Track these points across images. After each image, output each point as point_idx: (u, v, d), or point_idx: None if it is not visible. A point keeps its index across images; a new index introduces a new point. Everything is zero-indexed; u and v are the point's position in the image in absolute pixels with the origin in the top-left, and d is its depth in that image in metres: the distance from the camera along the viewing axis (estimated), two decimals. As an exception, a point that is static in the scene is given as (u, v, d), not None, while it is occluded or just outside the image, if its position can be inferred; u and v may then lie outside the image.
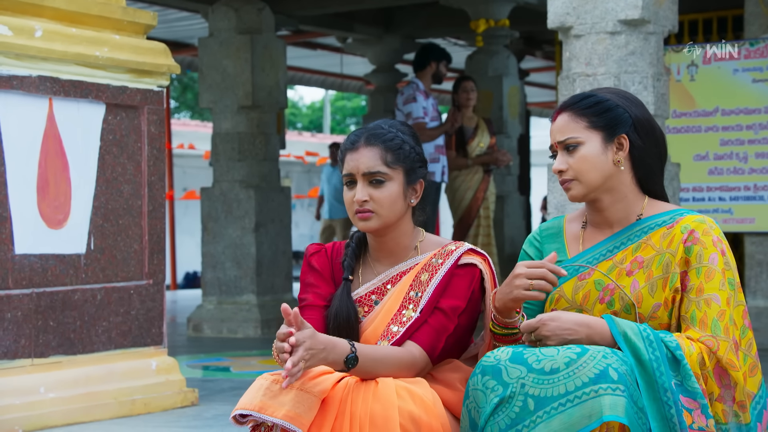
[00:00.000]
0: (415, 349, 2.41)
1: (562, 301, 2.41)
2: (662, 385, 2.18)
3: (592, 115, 2.39)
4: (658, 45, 4.68)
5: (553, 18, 4.68)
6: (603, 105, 2.39)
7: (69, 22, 4.53)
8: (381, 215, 2.48)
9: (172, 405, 4.67)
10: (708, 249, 2.31)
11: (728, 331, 2.26)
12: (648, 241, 2.38)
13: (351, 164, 2.49)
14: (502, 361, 2.22)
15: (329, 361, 2.28)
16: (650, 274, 2.34)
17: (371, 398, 2.27)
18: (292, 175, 20.62)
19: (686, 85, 7.13)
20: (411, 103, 7.64)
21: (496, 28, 9.98)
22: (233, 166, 8.08)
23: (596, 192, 2.40)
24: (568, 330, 2.22)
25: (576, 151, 2.38)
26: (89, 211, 4.51)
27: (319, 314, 2.52)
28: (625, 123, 2.39)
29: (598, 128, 2.38)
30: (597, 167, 2.38)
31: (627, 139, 2.39)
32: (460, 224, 8.18)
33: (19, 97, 4.27)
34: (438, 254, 2.50)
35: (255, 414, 2.26)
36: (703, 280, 2.29)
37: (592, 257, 2.42)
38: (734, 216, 7.02)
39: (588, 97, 2.42)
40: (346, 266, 2.55)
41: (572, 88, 4.64)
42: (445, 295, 2.46)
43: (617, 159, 2.38)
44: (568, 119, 2.40)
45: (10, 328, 4.18)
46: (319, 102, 31.93)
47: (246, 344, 7.34)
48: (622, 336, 2.22)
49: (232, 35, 8.02)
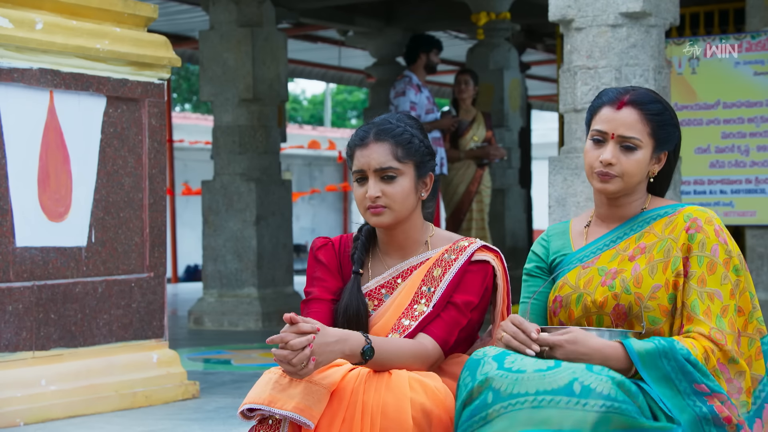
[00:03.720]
0: (428, 342, 2.41)
1: (566, 287, 2.45)
2: (684, 391, 2.21)
3: (656, 124, 2.43)
4: (660, 38, 4.67)
5: (555, 11, 4.68)
6: (666, 117, 2.45)
7: (69, 15, 4.52)
8: (394, 210, 2.48)
9: (174, 398, 4.67)
10: (710, 239, 2.35)
11: (732, 326, 2.30)
12: (651, 230, 2.42)
13: (362, 160, 2.48)
14: (485, 357, 2.24)
15: (345, 354, 2.27)
16: (651, 257, 2.38)
17: (384, 389, 2.27)
18: (293, 168, 20.61)
19: (687, 78, 7.12)
20: (400, 97, 7.67)
21: (497, 21, 9.97)
22: (234, 159, 8.08)
23: (625, 191, 2.46)
24: (584, 355, 2.22)
25: (632, 153, 2.42)
26: (90, 204, 4.51)
27: (326, 307, 2.51)
28: (672, 142, 2.47)
29: (655, 138, 2.43)
30: (641, 172, 2.44)
31: (666, 156, 2.47)
32: (452, 218, 8.19)
33: (19, 89, 4.27)
34: (450, 250, 2.50)
35: (264, 408, 2.25)
36: (705, 271, 2.32)
37: (596, 248, 2.47)
38: (735, 209, 7.01)
39: (656, 102, 2.44)
40: (356, 259, 2.54)
41: (573, 81, 4.64)
42: (458, 290, 2.46)
43: (653, 171, 2.47)
44: (638, 118, 2.42)
45: (11, 321, 4.18)
46: (320, 95, 31.92)
47: (247, 337, 7.35)
48: (639, 357, 2.23)
49: (233, 28, 8.01)
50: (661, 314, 2.34)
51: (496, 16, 9.96)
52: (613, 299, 2.37)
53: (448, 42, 12.66)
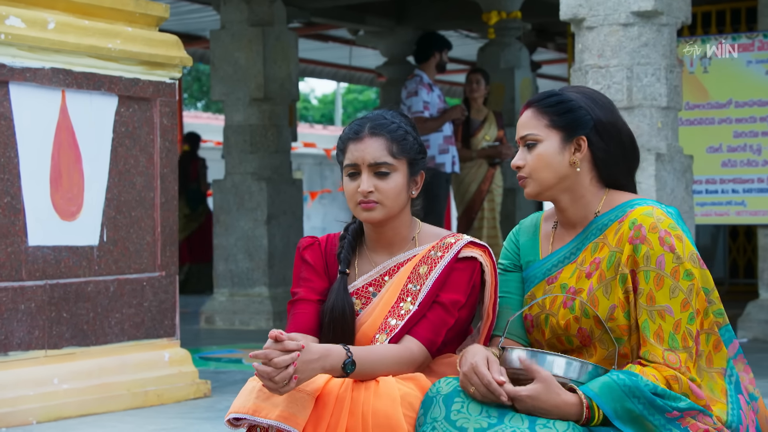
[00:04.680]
0: (413, 345, 2.38)
1: (535, 307, 2.40)
2: (659, 424, 2.16)
3: (553, 114, 2.35)
4: (672, 37, 4.66)
5: (566, 10, 4.67)
6: (565, 105, 2.36)
7: (81, 15, 4.54)
8: (386, 206, 2.44)
9: (185, 396, 4.68)
10: (654, 250, 2.24)
11: (686, 340, 2.22)
12: (604, 240, 2.34)
13: (355, 154, 2.45)
14: (437, 396, 2.22)
15: (326, 369, 2.25)
16: (603, 274, 2.31)
17: (372, 396, 2.24)
18: (304, 168, 20.62)
19: (699, 77, 7.10)
20: (412, 96, 7.64)
21: (508, 20, 9.96)
22: (245, 158, 8.09)
23: (552, 191, 2.37)
24: (544, 411, 2.18)
25: (534, 149, 2.36)
26: (102, 203, 4.52)
27: (311, 308, 2.48)
28: (585, 125, 2.35)
29: (558, 128, 2.35)
30: (551, 166, 2.34)
31: (585, 140, 2.35)
32: (463, 217, 8.18)
33: (32, 89, 4.28)
34: (437, 246, 2.47)
35: (249, 417, 2.24)
36: (653, 287, 2.24)
37: (558, 260, 2.40)
38: (747, 208, 6.99)
39: (553, 95, 2.38)
40: (342, 259, 2.51)
41: (585, 80, 4.63)
42: (445, 288, 2.43)
43: (573, 160, 2.35)
44: (531, 115, 2.37)
45: (24, 320, 4.19)
46: (331, 95, 31.93)
47: (258, 336, 7.35)
48: (614, 413, 2.17)
49: (244, 27, 8.02)
50: (622, 333, 2.29)
51: (507, 15, 9.95)
52: (575, 322, 2.33)
53: (458, 41, 12.65)
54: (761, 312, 6.88)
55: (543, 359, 2.23)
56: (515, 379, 2.25)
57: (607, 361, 2.31)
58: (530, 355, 2.24)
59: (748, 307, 6.96)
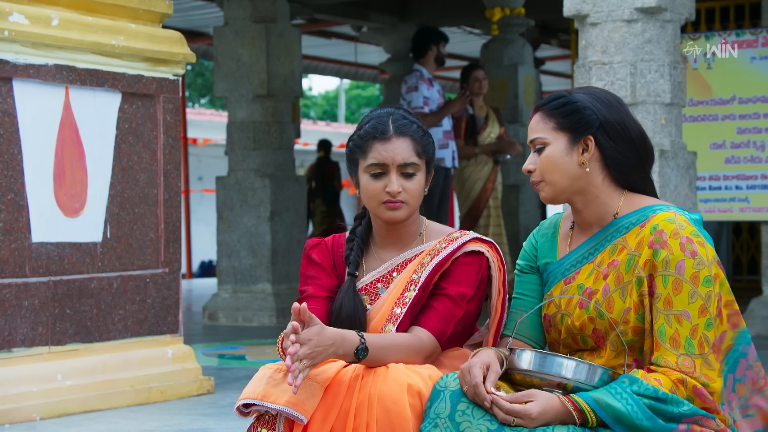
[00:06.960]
0: (423, 334, 2.41)
1: (552, 306, 2.41)
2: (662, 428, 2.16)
3: (559, 116, 2.36)
4: (675, 33, 4.65)
5: (569, 6, 4.66)
6: (571, 106, 2.36)
7: (85, 11, 4.54)
8: (410, 206, 2.49)
9: (188, 393, 4.69)
10: (675, 255, 2.24)
11: (702, 347, 2.23)
12: (624, 242, 2.34)
13: (384, 154, 2.46)
14: (445, 391, 2.23)
15: (339, 355, 2.28)
16: (620, 277, 2.31)
17: (380, 380, 2.27)
18: (307, 164, 20.62)
19: (703, 73, 7.09)
20: (412, 92, 7.63)
21: (511, 17, 9.95)
22: (248, 155, 8.09)
23: (566, 194, 2.38)
24: (546, 423, 2.18)
25: (543, 152, 2.37)
26: (105, 200, 4.53)
27: (321, 305, 2.50)
28: (591, 125, 2.35)
29: (565, 129, 2.36)
30: (560, 168, 2.35)
31: (593, 140, 2.35)
32: (468, 215, 8.15)
33: (35, 85, 4.28)
34: (443, 241, 2.51)
35: (258, 402, 2.26)
36: (671, 291, 2.23)
37: (576, 260, 2.41)
38: (751, 205, 6.99)
39: (559, 97, 2.39)
40: (351, 261, 2.53)
41: (588, 77, 4.63)
42: (452, 282, 2.45)
43: (582, 161, 2.35)
44: (539, 119, 2.39)
45: (28, 316, 4.20)
46: (333, 91, 31.91)
47: (261, 333, 7.36)
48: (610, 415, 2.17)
49: (248, 24, 8.02)
50: (634, 335, 2.30)
51: (511, 11, 9.94)
52: (589, 323, 2.33)
53: (462, 37, 12.65)
54: (765, 308, 6.88)
55: (552, 361, 2.23)
56: (524, 381, 2.26)
57: (618, 362, 2.32)
58: (540, 357, 2.24)
59: (752, 304, 6.95)
